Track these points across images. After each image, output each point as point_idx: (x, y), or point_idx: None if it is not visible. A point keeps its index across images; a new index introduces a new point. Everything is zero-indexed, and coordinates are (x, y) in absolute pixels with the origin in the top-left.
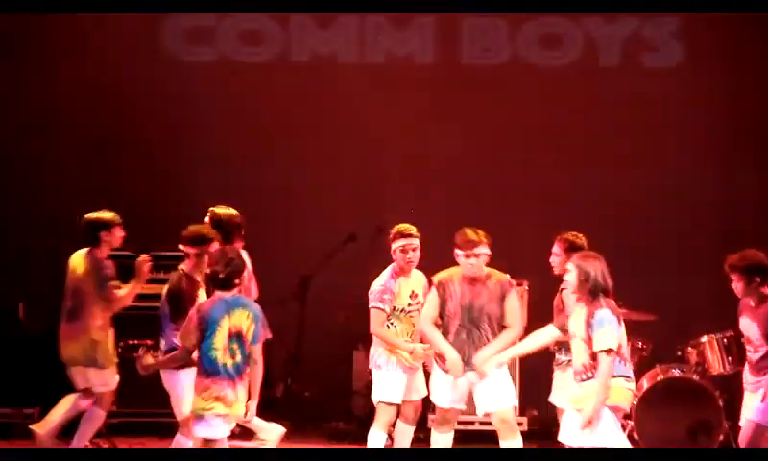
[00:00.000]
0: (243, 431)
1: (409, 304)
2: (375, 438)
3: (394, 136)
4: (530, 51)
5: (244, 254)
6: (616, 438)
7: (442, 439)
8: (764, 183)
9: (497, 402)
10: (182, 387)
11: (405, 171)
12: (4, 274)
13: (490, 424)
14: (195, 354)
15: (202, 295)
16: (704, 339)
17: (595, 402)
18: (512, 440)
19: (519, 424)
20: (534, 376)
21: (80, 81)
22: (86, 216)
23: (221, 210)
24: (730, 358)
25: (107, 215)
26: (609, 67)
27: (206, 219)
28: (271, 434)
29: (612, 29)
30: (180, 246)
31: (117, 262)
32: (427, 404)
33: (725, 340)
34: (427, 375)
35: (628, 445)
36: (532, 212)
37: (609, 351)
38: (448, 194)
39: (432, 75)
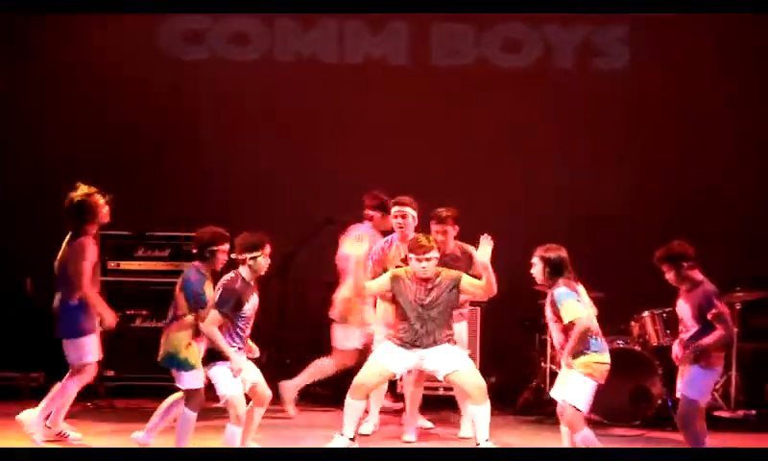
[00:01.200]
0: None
1: (397, 266)
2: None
3: (369, 129)
4: (493, 54)
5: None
6: (583, 403)
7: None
8: (699, 175)
9: (453, 364)
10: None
11: (377, 160)
12: (13, 253)
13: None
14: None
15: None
16: (645, 314)
17: (568, 349)
18: (480, 403)
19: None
20: (493, 345)
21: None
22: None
23: (77, 193)
24: (668, 331)
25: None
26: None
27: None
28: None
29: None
30: (234, 256)
31: (114, 242)
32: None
33: (664, 315)
34: None
35: (585, 407)
36: (495, 199)
37: (579, 319)
38: (418, 177)
39: (404, 75)
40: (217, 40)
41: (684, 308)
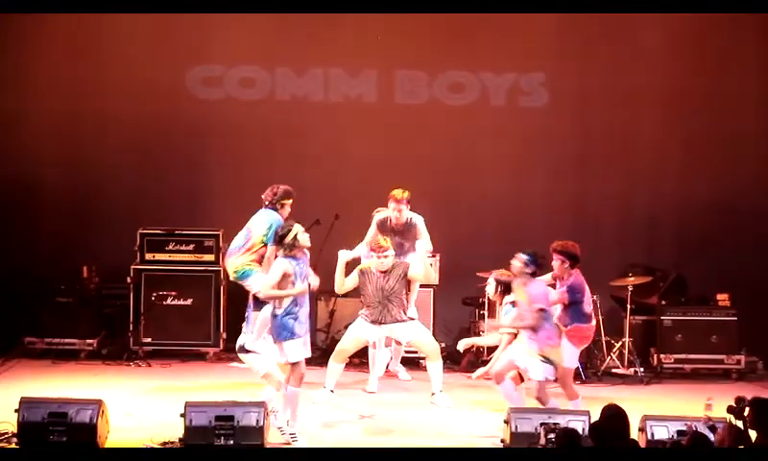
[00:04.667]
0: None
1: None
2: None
3: (349, 153)
4: (443, 94)
5: None
6: (542, 374)
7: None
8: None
9: (411, 333)
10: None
11: (354, 176)
12: (72, 246)
13: (415, 352)
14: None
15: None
16: None
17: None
18: (435, 361)
19: None
20: (443, 318)
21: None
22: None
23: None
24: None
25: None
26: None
27: None
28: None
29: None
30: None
31: (150, 238)
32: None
33: None
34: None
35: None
36: (442, 204)
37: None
38: (389, 186)
39: (375, 110)
40: (231, 84)
41: (554, 294)
